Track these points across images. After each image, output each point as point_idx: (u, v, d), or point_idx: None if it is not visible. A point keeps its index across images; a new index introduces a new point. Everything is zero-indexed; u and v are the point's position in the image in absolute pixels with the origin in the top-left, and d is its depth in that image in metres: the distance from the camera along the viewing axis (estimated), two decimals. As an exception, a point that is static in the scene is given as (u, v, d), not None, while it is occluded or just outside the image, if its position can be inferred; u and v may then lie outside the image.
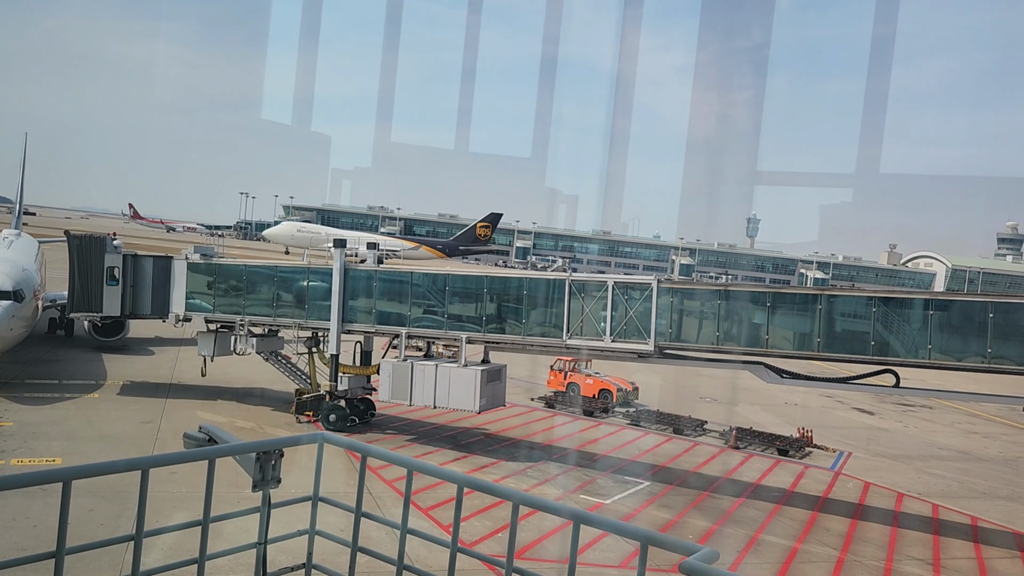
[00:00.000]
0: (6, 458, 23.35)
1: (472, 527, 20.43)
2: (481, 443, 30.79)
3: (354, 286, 31.36)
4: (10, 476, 5.48)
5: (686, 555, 4.83)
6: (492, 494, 6.57)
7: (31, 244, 47.31)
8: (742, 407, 43.15)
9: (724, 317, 25.64)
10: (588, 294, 27.68)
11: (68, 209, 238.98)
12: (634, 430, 35.55)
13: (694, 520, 24.00)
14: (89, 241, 33.39)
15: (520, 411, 36.79)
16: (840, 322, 24.70)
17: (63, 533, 5.35)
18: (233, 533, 7.51)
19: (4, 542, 16.30)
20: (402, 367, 29.36)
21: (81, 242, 33.20)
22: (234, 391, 35.12)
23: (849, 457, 34.12)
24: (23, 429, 26.23)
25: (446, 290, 30.25)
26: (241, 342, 32.68)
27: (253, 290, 33.40)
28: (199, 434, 7.00)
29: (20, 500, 18.10)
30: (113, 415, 29.26)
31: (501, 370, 30.19)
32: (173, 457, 6.69)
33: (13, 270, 33.89)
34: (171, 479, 19.02)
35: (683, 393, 43.93)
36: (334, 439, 7.38)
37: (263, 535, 6.98)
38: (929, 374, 25.55)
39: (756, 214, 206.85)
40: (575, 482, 26.90)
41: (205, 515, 6.37)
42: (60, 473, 5.34)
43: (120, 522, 17.35)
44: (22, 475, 5.34)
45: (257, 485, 6.76)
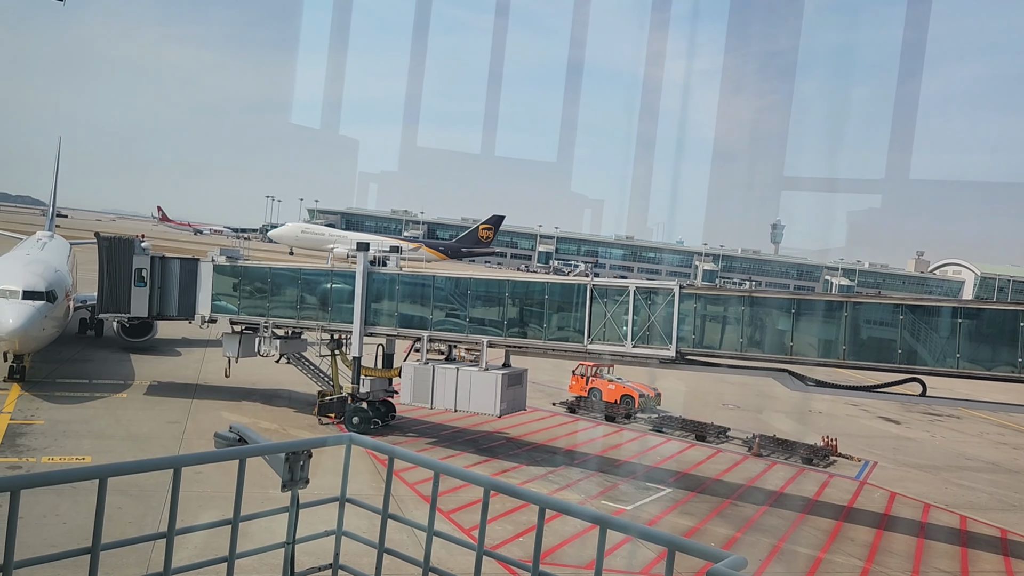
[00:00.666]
0: (37, 456, 23.78)
1: (494, 531, 20.47)
2: (503, 447, 30.82)
3: (377, 289, 31.57)
4: (47, 473, 5.62)
5: (713, 562, 4.81)
6: (518, 497, 6.61)
7: (63, 246, 48.15)
8: (766, 414, 42.82)
9: (747, 323, 25.50)
10: (610, 299, 27.66)
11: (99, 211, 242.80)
12: (656, 436, 35.42)
13: (717, 527, 23.86)
14: (118, 243, 33.92)
15: (542, 416, 36.79)
16: (866, 329, 24.47)
17: (99, 529, 5.47)
18: (259, 533, 7.63)
19: (35, 539, 16.58)
20: (423, 370, 29.49)
21: (110, 244, 33.73)
22: (259, 392, 35.47)
23: (875, 466, 33.74)
24: (54, 427, 26.70)
25: (468, 294, 30.37)
26: (265, 344, 33.01)
27: (277, 292, 33.74)
28: (229, 434, 7.11)
29: (50, 498, 18.40)
30: (140, 415, 29.68)
31: (522, 374, 30.23)
32: (205, 456, 6.80)
33: (46, 271, 34.53)
34: (197, 479, 19.24)
35: (706, 400, 43.68)
36: (362, 440, 7.47)
37: (291, 535, 7.07)
38: (957, 383, 25.24)
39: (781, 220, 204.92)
40: (597, 487, 26.85)
41: (235, 514, 6.47)
42: (96, 471, 5.47)
43: (147, 521, 17.60)
44: (59, 472, 5.48)
45: (286, 485, 6.86)
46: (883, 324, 24.59)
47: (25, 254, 40.77)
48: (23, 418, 27.50)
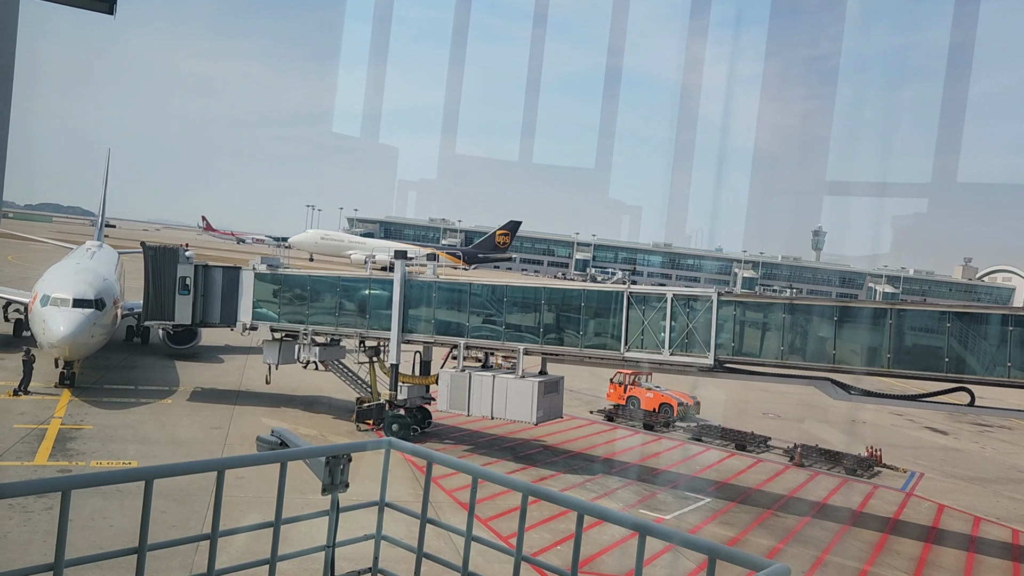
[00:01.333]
0: (86, 459, 24.38)
1: (532, 539, 20.43)
2: (540, 455, 30.77)
3: (414, 296, 31.79)
4: (96, 474, 5.78)
5: (755, 571, 4.75)
6: (556, 503, 6.60)
7: (111, 255, 49.33)
8: (808, 424, 42.09)
9: (788, 331, 25.13)
10: (647, 306, 27.48)
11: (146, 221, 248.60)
12: (696, 445, 35.04)
13: (758, 538, 23.50)
14: (163, 252, 34.68)
15: (580, 424, 36.65)
16: (912, 337, 23.95)
17: (145, 530, 5.61)
18: (300, 537, 7.73)
19: (84, 541, 16.98)
20: (460, 377, 29.60)
21: (156, 253, 34.50)
22: (299, 399, 35.92)
23: (921, 478, 32.95)
24: (102, 432, 27.35)
25: (504, 301, 30.43)
26: (304, 351, 33.42)
27: (316, 300, 34.16)
28: (272, 438, 7.23)
29: (98, 501, 18.85)
30: (184, 420, 30.25)
31: (558, 382, 30.16)
32: (248, 459, 6.93)
33: (95, 280, 35.43)
34: (239, 484, 19.55)
35: (746, 408, 43.10)
36: (401, 445, 7.54)
37: (331, 538, 7.16)
38: (1008, 393, 24.55)
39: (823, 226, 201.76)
40: (635, 496, 26.65)
41: (277, 517, 6.57)
42: (143, 472, 5.61)
43: (191, 524, 17.92)
44: (107, 473, 5.64)
45: (326, 489, 6.95)
46: (929, 332, 24.05)
47: (75, 263, 41.89)
48: (73, 423, 28.22)
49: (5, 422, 27.17)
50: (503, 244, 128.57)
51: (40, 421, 27.99)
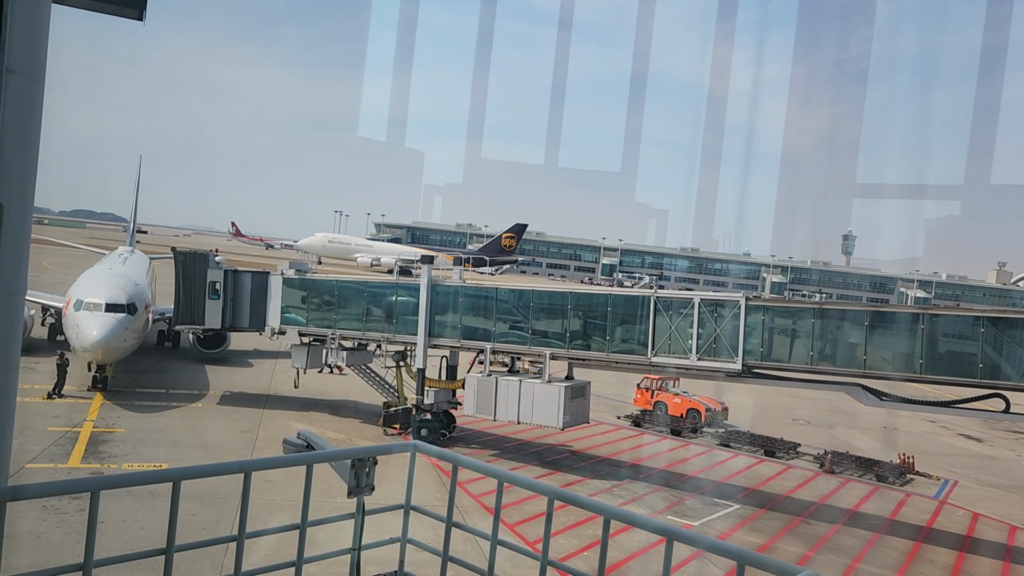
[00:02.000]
0: (118, 462, 24.75)
1: (558, 544, 20.36)
2: (567, 460, 30.67)
3: (440, 301, 31.89)
4: (125, 475, 5.86)
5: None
6: (582, 507, 6.56)
7: (143, 260, 50.10)
8: (838, 430, 41.53)
9: (818, 336, 24.81)
10: (674, 311, 27.31)
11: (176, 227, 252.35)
12: (724, 451, 34.72)
13: (787, 546, 23.21)
14: (193, 257, 35.14)
15: (606, 429, 36.49)
16: (945, 343, 23.52)
17: (173, 531, 5.67)
18: (325, 539, 7.77)
19: (115, 542, 17.23)
20: (487, 382, 29.61)
21: (186, 258, 34.97)
22: (327, 403, 36.17)
23: (955, 486, 32.34)
24: (133, 435, 27.75)
25: (531, 306, 30.41)
26: (332, 355, 33.67)
27: (344, 304, 34.40)
28: (298, 440, 7.28)
29: (129, 504, 19.12)
30: (214, 424, 30.59)
31: (585, 387, 30.07)
32: (274, 461, 6.98)
33: (127, 284, 36.00)
34: (267, 487, 19.73)
35: (775, 414, 42.64)
36: (427, 449, 7.55)
37: (357, 541, 7.18)
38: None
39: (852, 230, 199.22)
40: (663, 502, 26.45)
41: (303, 519, 6.61)
42: (171, 473, 5.67)
43: (220, 526, 18.09)
44: (136, 474, 5.71)
45: (352, 492, 6.98)
46: (963, 337, 23.60)
47: (108, 268, 42.58)
48: (105, 426, 28.67)
49: (39, 425, 27.66)
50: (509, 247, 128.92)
51: (73, 424, 28.47)
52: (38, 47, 3.68)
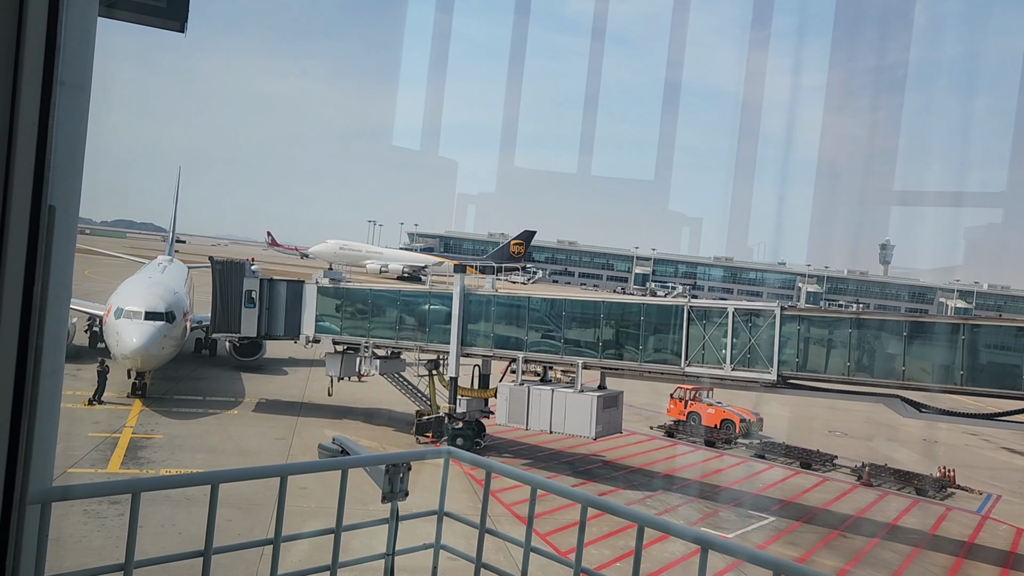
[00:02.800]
0: (156, 468, 25.15)
1: (591, 554, 20.24)
2: (600, 470, 30.51)
3: (473, 310, 31.99)
4: (165, 478, 5.99)
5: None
6: (617, 515, 6.53)
7: (181, 269, 50.98)
8: (876, 442, 40.77)
9: (855, 347, 24.43)
10: (708, 321, 27.09)
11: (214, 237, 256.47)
12: (759, 462, 34.27)
13: (824, 559, 22.82)
14: (230, 266, 35.70)
15: (639, 439, 36.23)
16: (986, 354, 23.01)
17: (211, 533, 5.76)
18: (359, 545, 7.83)
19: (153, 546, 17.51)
20: (519, 391, 29.60)
21: (223, 267, 35.53)
22: (360, 411, 36.42)
23: (998, 500, 31.54)
24: (171, 442, 28.20)
25: (563, 315, 30.37)
26: (365, 363, 33.92)
27: (377, 313, 34.68)
28: (333, 446, 7.36)
29: (167, 509, 19.41)
30: (250, 431, 30.97)
31: (618, 396, 29.90)
32: (310, 465, 7.07)
33: (166, 293, 36.67)
34: (301, 494, 19.90)
35: (811, 426, 41.99)
36: (460, 455, 7.58)
37: (391, 547, 7.23)
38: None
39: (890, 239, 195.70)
40: (697, 513, 26.18)
41: (338, 524, 6.68)
42: (209, 477, 5.77)
43: (255, 531, 18.28)
44: (175, 477, 5.83)
45: (386, 497, 7.03)
46: (1005, 348, 23.09)
47: (147, 277, 43.40)
48: (144, 432, 29.18)
49: (80, 430, 28.24)
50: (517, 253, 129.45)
51: (113, 430, 29.02)
52: (86, 59, 3.81)
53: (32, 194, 3.08)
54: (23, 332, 3.11)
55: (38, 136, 3.09)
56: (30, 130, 3.06)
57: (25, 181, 3.04)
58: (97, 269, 71.27)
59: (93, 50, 3.99)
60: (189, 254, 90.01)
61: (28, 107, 3.04)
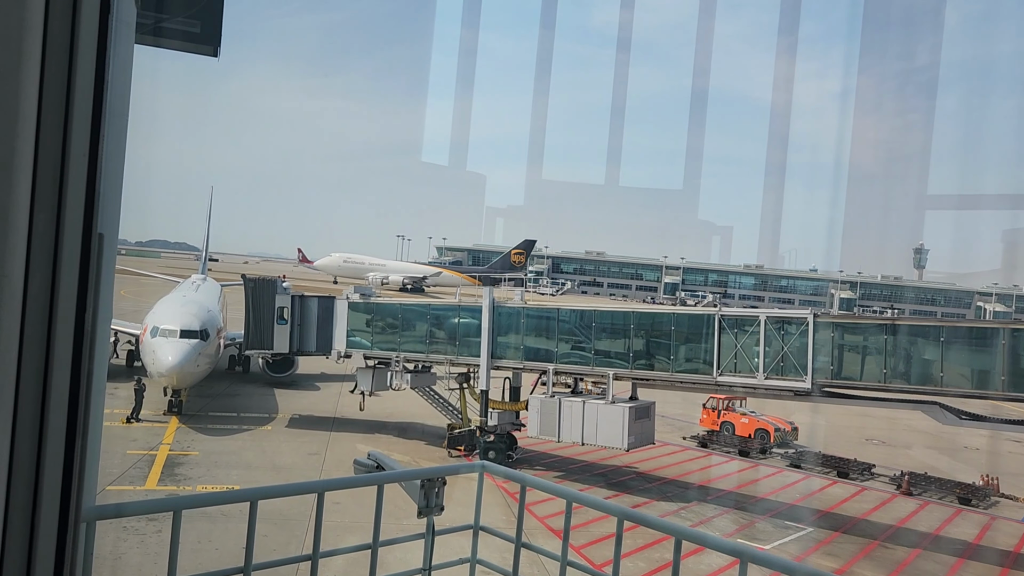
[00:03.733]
0: (193, 484, 25.47)
1: (627, 567, 20.04)
2: (634, 481, 30.28)
3: (503, 323, 32.02)
4: (206, 495, 6.07)
5: None
6: (652, 527, 6.49)
7: (214, 287, 51.70)
8: (915, 450, 39.99)
9: (890, 353, 24.04)
10: (739, 329, 26.84)
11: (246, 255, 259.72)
12: (795, 472, 33.78)
13: (864, 571, 22.41)
14: (262, 284, 36.16)
15: (672, 450, 35.92)
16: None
17: (250, 549, 5.82)
18: (395, 561, 7.85)
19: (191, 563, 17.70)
20: (550, 403, 29.53)
21: (255, 285, 36.01)
22: (393, 425, 36.56)
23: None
24: (207, 458, 28.53)
25: (592, 326, 30.28)
26: (396, 378, 34.07)
27: (407, 328, 34.87)
28: (368, 461, 7.41)
29: (204, 525, 19.62)
30: (283, 447, 31.23)
31: (650, 407, 29.70)
32: (346, 481, 7.11)
33: (200, 311, 37.22)
34: (336, 509, 19.94)
35: (846, 434, 41.32)
36: (495, 469, 7.59)
37: (427, 561, 7.24)
38: None
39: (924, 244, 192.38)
40: (733, 525, 25.86)
41: (375, 539, 6.71)
42: (248, 494, 5.84)
43: (291, 547, 18.41)
44: (216, 495, 5.90)
45: (422, 512, 7.05)
46: None
47: (182, 296, 44.08)
48: (180, 449, 29.57)
49: (119, 448, 28.68)
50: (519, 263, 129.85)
51: (150, 447, 29.45)
52: (125, 86, 3.91)
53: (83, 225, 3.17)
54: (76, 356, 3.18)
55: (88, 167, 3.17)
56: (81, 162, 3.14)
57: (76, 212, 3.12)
58: (133, 289, 72.50)
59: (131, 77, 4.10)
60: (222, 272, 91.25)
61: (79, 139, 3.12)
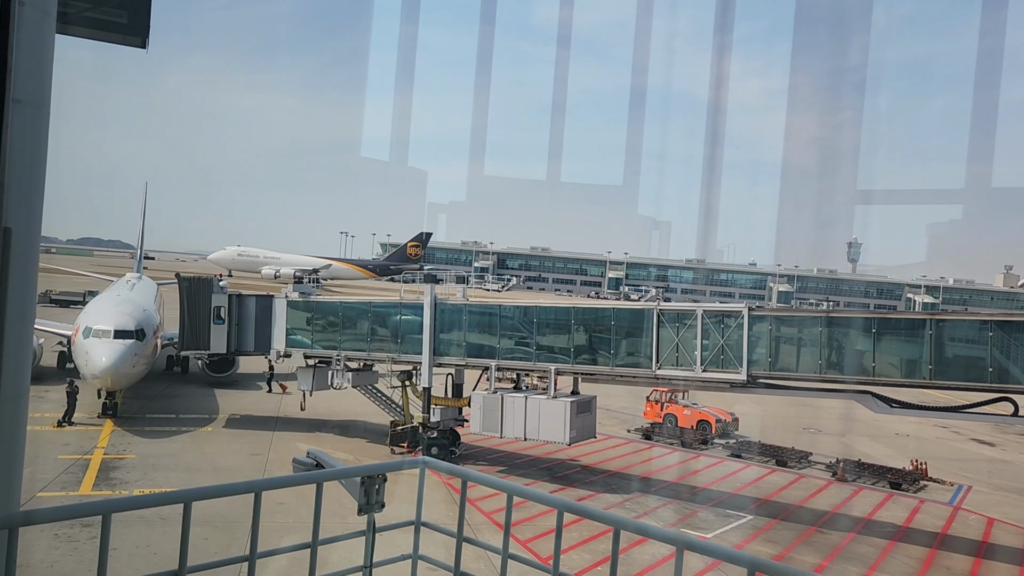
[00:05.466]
0: (129, 488, 24.78)
1: (571, 560, 20.27)
2: (578, 475, 30.57)
3: (445, 320, 31.91)
4: (136, 498, 5.92)
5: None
6: (593, 519, 6.54)
7: (151, 286, 50.32)
8: (849, 438, 41.31)
9: (823, 345, 24.76)
10: (678, 323, 27.31)
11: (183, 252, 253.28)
12: (735, 462, 34.57)
13: (802, 555, 23.07)
14: (197, 283, 35.35)
15: (617, 443, 36.37)
16: (953, 348, 23.46)
17: (184, 552, 5.71)
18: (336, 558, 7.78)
19: (128, 569, 17.23)
20: (492, 399, 29.58)
21: (190, 284, 35.18)
22: (335, 423, 36.15)
23: (969, 491, 32.11)
24: (144, 461, 27.78)
25: (535, 322, 30.43)
26: (338, 376, 33.66)
27: (348, 326, 34.48)
28: (307, 459, 7.32)
29: (141, 529, 19.13)
30: (225, 448, 30.62)
31: (591, 401, 30.01)
32: (284, 480, 7.02)
33: (135, 311, 36.17)
34: (279, 509, 19.71)
35: (785, 424, 42.43)
36: (436, 464, 7.57)
37: (368, 559, 7.19)
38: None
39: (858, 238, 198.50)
40: (675, 515, 26.33)
41: (314, 538, 6.63)
42: (181, 495, 5.72)
43: (232, 549, 18.01)
44: (146, 497, 5.77)
45: (362, 509, 7.00)
46: (971, 342, 23.55)
47: (116, 295, 42.79)
48: (116, 453, 28.72)
49: (50, 453, 27.73)
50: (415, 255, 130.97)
51: (84, 451, 28.53)
52: (43, 77, 3.76)
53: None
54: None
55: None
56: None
57: None
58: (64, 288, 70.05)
59: (51, 68, 3.94)
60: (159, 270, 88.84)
61: None
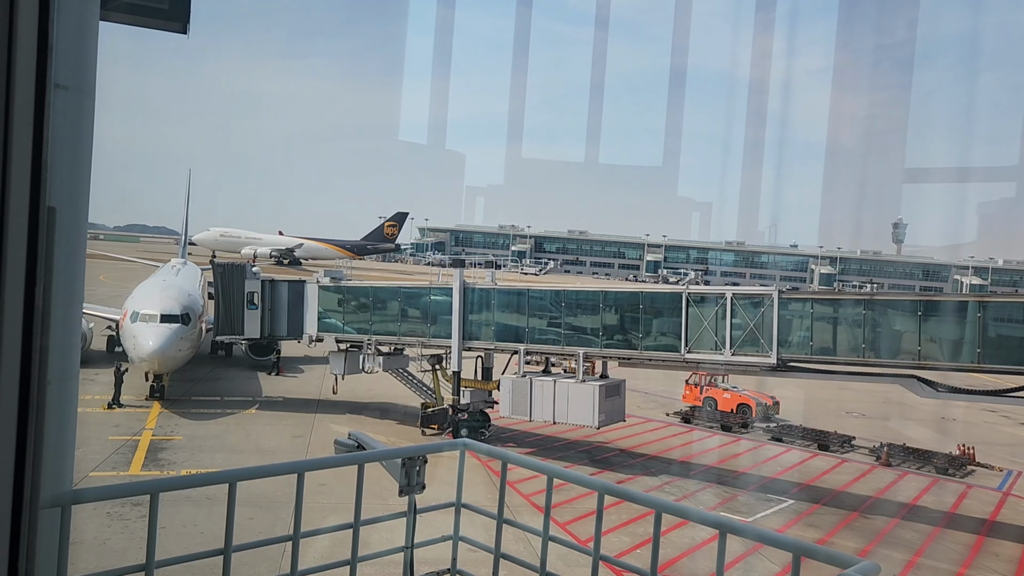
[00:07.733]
0: (176, 469, 25.37)
1: (610, 542, 20.28)
2: (617, 458, 30.53)
3: (474, 304, 31.93)
4: (184, 477, 6.05)
5: (843, 568, 4.59)
6: (634, 501, 6.51)
7: (195, 271, 51.24)
8: (894, 422, 40.59)
9: (860, 327, 24.23)
10: (706, 306, 27.02)
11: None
12: (776, 446, 34.20)
13: (845, 540, 22.77)
14: (231, 269, 35.93)
15: (656, 426, 36.22)
16: (1003, 330, 22.84)
17: (230, 531, 5.80)
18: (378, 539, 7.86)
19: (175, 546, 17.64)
20: (521, 383, 29.61)
21: (224, 270, 35.76)
22: (375, 406, 36.55)
23: (1019, 476, 31.36)
24: (191, 443, 28.43)
25: (563, 306, 30.35)
26: (369, 360, 33.94)
27: (379, 310, 34.71)
28: (349, 441, 7.39)
29: (189, 510, 19.56)
30: (267, 430, 31.17)
31: (620, 385, 29.84)
32: (327, 461, 7.09)
33: (181, 296, 36.92)
34: (320, 490, 20.04)
35: (827, 408, 41.83)
36: (476, 446, 7.60)
37: (409, 540, 7.25)
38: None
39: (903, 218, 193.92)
40: (715, 499, 26.17)
41: (356, 518, 6.70)
42: (226, 475, 5.81)
43: (276, 530, 18.36)
44: (193, 477, 5.88)
45: (403, 490, 7.05)
46: (1022, 324, 22.93)
47: (162, 280, 43.67)
48: (163, 434, 29.42)
49: (101, 434, 28.51)
50: (391, 235, 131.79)
51: (133, 433, 29.28)
52: (86, 62, 3.81)
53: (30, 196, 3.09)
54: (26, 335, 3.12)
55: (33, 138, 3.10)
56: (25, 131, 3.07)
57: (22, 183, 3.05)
58: (112, 274, 71.70)
59: (96, 53, 3.99)
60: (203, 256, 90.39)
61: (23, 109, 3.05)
